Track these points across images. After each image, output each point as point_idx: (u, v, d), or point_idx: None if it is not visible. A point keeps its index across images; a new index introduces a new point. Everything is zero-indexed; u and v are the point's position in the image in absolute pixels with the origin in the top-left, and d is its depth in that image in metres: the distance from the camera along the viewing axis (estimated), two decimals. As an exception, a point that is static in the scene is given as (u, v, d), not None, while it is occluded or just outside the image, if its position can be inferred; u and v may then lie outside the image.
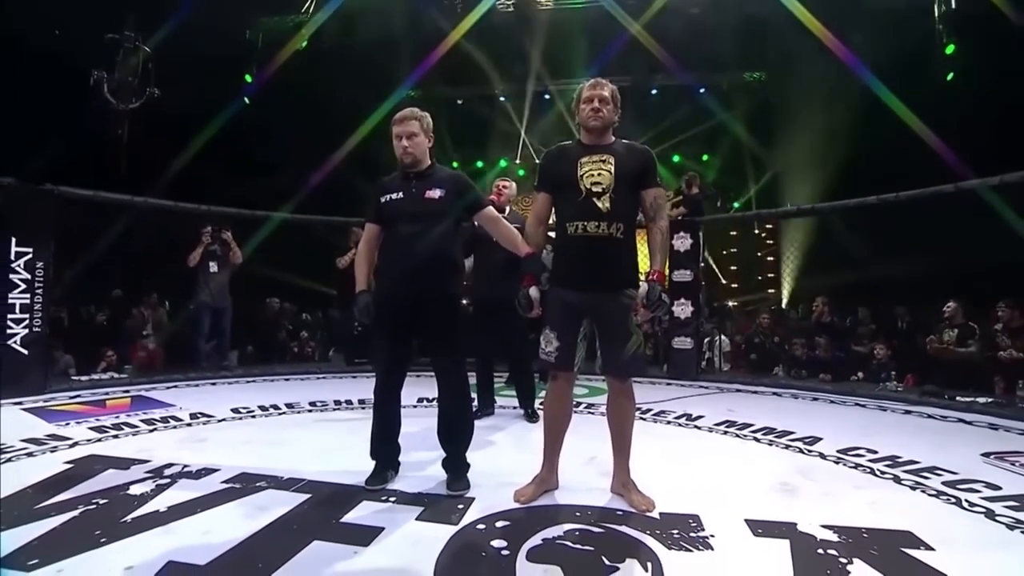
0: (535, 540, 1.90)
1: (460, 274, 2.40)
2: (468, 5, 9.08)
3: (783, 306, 9.41)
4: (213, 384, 4.98)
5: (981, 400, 4.06)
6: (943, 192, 4.00)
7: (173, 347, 6.00)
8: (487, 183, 9.22)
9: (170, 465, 2.60)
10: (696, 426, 3.61)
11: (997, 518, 2.17)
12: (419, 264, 2.27)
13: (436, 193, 2.34)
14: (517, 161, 12.69)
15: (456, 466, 2.38)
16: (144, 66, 6.71)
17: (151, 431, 3.31)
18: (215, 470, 2.54)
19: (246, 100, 9.49)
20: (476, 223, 2.58)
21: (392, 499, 2.26)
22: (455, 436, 2.39)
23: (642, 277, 2.26)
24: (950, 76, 8.67)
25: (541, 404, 3.78)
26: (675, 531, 2.00)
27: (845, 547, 1.88)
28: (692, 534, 1.98)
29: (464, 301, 3.01)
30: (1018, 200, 3.90)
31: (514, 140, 12.38)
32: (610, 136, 2.31)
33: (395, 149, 2.39)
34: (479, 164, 12.59)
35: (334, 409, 3.99)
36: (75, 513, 2.04)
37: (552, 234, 2.48)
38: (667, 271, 5.66)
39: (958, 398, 4.13)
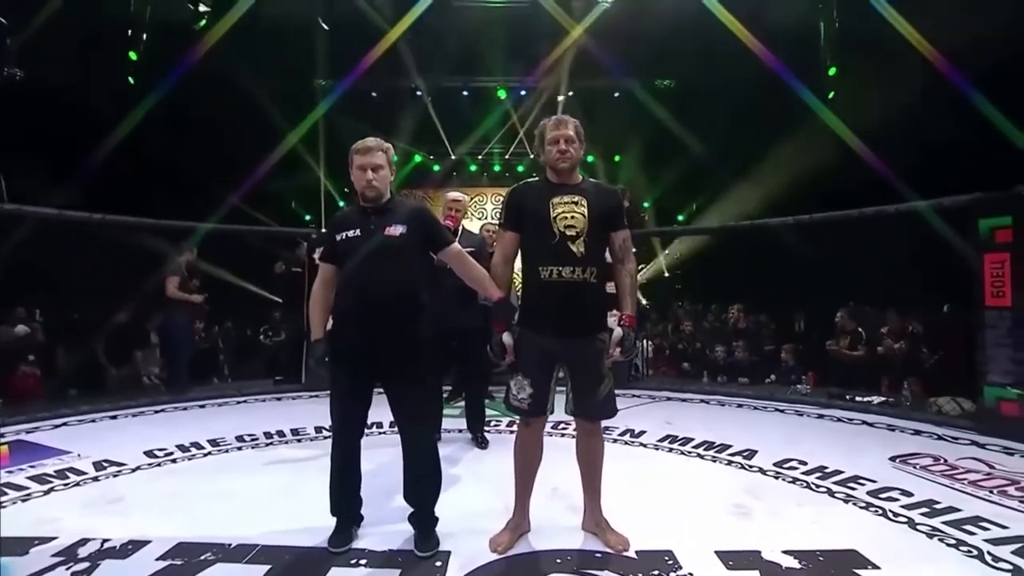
0: (525, 599, 1.88)
1: (427, 315, 2.28)
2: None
3: (683, 305, 9.90)
4: (113, 418, 4.40)
5: (875, 400, 4.60)
6: (850, 217, 4.48)
7: (53, 371, 5.23)
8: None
9: (84, 541, 2.25)
10: (641, 443, 3.75)
11: (918, 527, 2.45)
12: (381, 306, 2.13)
13: (397, 230, 2.20)
14: (431, 157, 12.47)
15: (425, 524, 2.26)
16: (1, 41, 5.70)
17: (47, 492, 2.85)
18: (144, 542, 2.25)
19: (130, 80, 8.46)
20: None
21: (363, 562, 2.13)
22: (424, 495, 2.28)
23: (612, 317, 2.30)
24: (831, 95, 9.68)
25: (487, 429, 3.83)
26: (655, 572, 2.06)
27: (808, 574, 2.04)
28: (672, 574, 2.05)
29: None
30: (905, 228, 4.45)
31: (429, 136, 12.11)
32: (578, 175, 2.31)
33: (356, 180, 2.24)
34: (394, 159, 12.17)
35: (267, 444, 3.70)
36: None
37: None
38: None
39: (857, 399, 4.66)
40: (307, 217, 11.19)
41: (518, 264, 2.37)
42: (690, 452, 3.56)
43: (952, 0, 5.13)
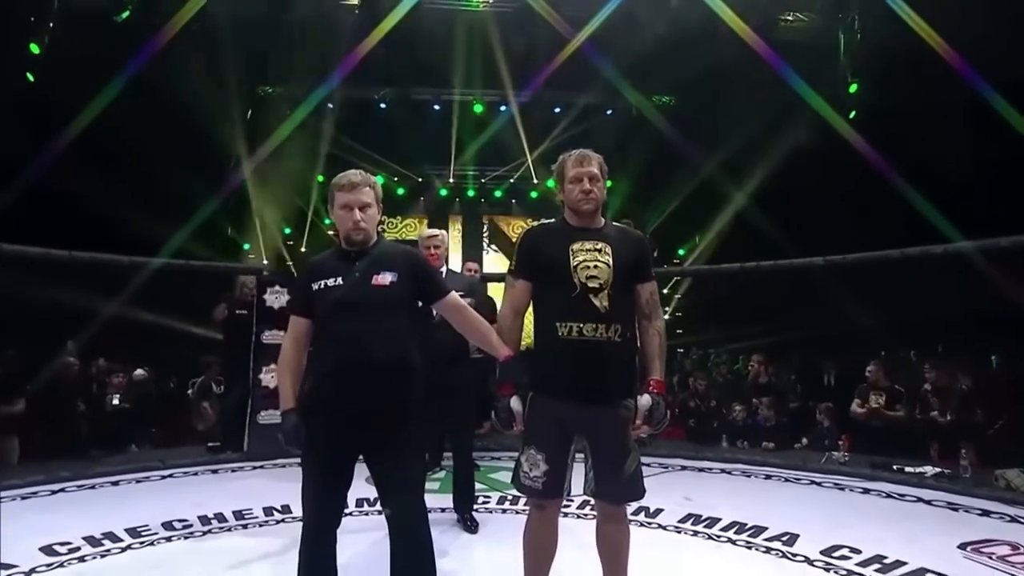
0: None
1: (420, 377, 2.20)
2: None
3: (689, 355, 9.90)
4: (-4, 502, 4.05)
5: (928, 472, 4.59)
6: (890, 258, 4.58)
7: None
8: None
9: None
10: (659, 524, 3.65)
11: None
12: (368, 369, 2.07)
13: (387, 278, 2.16)
14: (394, 179, 12.50)
15: None
16: None
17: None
18: None
19: (29, 77, 8.33)
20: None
21: None
22: None
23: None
24: (852, 114, 10.13)
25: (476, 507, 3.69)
26: None
27: None
28: None
29: None
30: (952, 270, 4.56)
31: (393, 154, 12.16)
32: (600, 217, 2.34)
33: (340, 221, 2.20)
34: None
35: (203, 532, 3.47)
36: None
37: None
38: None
39: (907, 469, 4.65)
40: (246, 247, 11.02)
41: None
42: (719, 536, 3.47)
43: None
